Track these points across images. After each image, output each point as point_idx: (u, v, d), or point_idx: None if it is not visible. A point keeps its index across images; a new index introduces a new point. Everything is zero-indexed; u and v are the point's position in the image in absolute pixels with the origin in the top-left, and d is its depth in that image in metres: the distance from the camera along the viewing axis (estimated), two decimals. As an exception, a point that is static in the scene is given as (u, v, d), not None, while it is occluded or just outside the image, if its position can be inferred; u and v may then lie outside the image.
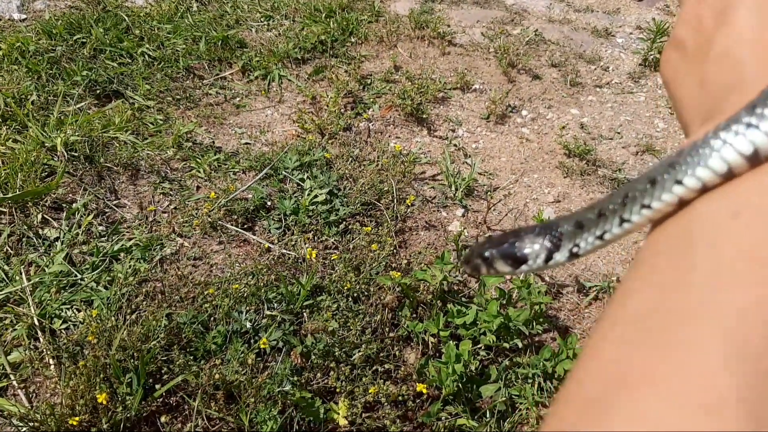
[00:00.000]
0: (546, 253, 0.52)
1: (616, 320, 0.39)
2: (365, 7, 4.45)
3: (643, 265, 0.40)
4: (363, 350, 2.09)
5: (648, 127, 3.81)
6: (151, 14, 3.96)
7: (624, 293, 0.40)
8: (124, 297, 2.19)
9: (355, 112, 3.47)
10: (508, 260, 0.54)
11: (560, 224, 0.51)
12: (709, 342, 0.32)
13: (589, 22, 4.82)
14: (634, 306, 0.38)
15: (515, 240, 0.53)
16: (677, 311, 0.35)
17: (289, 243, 2.56)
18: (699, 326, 0.33)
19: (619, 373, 0.35)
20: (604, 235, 0.48)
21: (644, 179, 0.43)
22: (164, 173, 2.91)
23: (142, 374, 1.88)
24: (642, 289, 0.39)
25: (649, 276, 0.39)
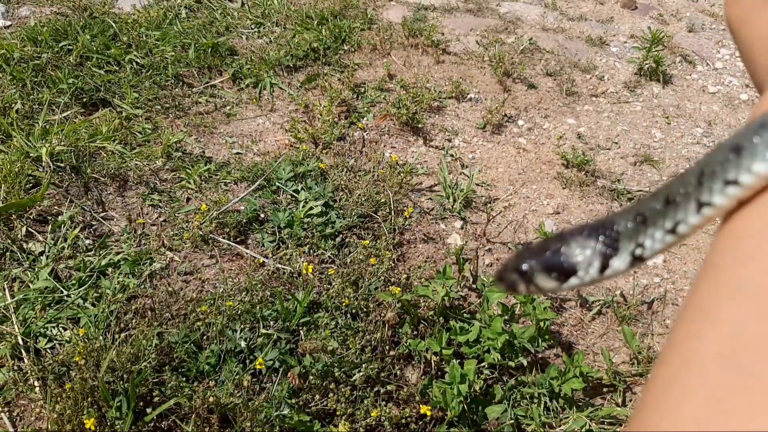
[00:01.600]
0: (601, 260, 0.41)
1: (692, 358, 0.30)
2: (357, 14, 4.38)
3: (724, 274, 0.31)
4: (363, 370, 2.01)
5: (645, 137, 3.76)
6: (139, 21, 3.86)
7: (699, 318, 0.31)
8: (112, 314, 2.09)
9: (349, 122, 3.39)
10: (552, 272, 0.44)
11: (616, 221, 0.41)
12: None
13: (583, 31, 4.78)
14: (716, 340, 0.29)
15: (560, 246, 0.43)
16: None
17: (284, 257, 2.47)
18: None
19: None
20: (678, 227, 0.38)
21: (725, 148, 0.34)
22: (153, 184, 2.81)
23: (132, 397, 1.78)
24: (727, 314, 0.29)
25: (734, 294, 0.30)
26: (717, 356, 0.28)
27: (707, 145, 3.75)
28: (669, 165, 3.54)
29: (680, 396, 0.28)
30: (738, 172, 0.33)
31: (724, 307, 0.30)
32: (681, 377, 0.29)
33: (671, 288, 2.73)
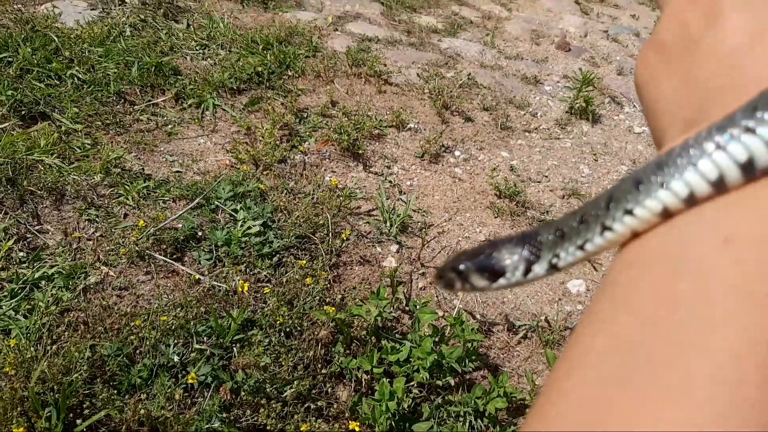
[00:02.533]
0: (525, 265, 0.47)
1: (587, 352, 0.36)
2: (303, 41, 4.46)
3: (618, 289, 0.37)
4: (295, 387, 2.05)
5: (574, 173, 3.95)
6: (82, 36, 3.85)
7: (595, 321, 0.37)
8: (44, 327, 2.08)
9: (290, 145, 3.45)
10: (484, 273, 0.49)
11: (540, 233, 0.47)
12: (701, 388, 0.30)
13: (519, 69, 4.99)
14: (608, 339, 0.35)
15: (492, 251, 0.48)
16: (662, 351, 0.32)
17: (220, 275, 2.50)
18: (688, 369, 0.30)
19: (597, 419, 0.32)
20: (585, 245, 0.44)
21: (630, 180, 0.39)
22: (90, 199, 2.80)
23: (63, 408, 1.78)
24: (618, 320, 0.35)
25: (625, 305, 0.35)
26: (604, 353, 0.34)
27: (631, 181, 3.96)
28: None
29: (572, 384, 0.35)
30: (635, 204, 0.38)
31: (615, 315, 0.36)
32: (575, 369, 0.36)
33: (593, 315, 2.86)
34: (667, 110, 0.42)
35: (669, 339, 0.32)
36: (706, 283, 0.32)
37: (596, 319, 0.37)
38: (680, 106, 0.40)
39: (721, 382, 0.29)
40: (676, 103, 0.41)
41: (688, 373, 0.30)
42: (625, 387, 0.32)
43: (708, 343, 0.31)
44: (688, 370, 0.30)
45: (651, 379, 0.31)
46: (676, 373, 0.30)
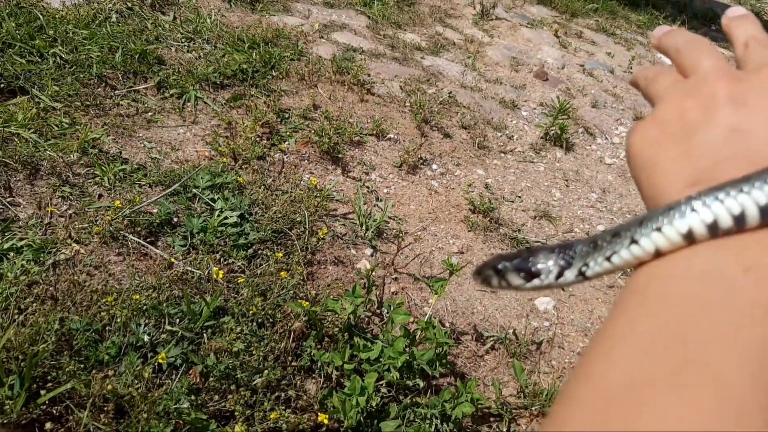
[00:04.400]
0: (558, 270, 0.54)
1: (625, 336, 0.42)
2: (288, 44, 4.48)
3: (649, 295, 0.44)
4: (265, 376, 2.03)
5: (546, 195, 4.02)
6: (67, 18, 3.80)
7: (627, 317, 0.44)
8: (12, 296, 2.03)
9: (270, 143, 3.45)
10: (521, 273, 0.55)
11: (575, 244, 0.54)
12: (732, 361, 0.36)
13: (498, 93, 5.07)
14: (644, 327, 0.41)
15: (530, 255, 0.55)
16: (699, 335, 0.38)
17: (194, 261, 2.47)
18: (722, 348, 0.37)
19: (642, 375, 0.38)
20: (612, 257, 0.50)
21: (665, 207, 0.47)
22: (65, 177, 2.75)
23: (27, 378, 1.73)
24: (653, 322, 0.42)
25: (658, 309, 0.42)
26: (640, 350, 0.40)
27: (600, 209, 4.05)
28: (565, 222, 3.79)
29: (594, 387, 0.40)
30: (664, 224, 0.46)
31: (649, 317, 0.42)
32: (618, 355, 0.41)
33: (559, 333, 2.91)
34: (665, 173, 0.50)
35: (704, 330, 0.38)
36: (732, 296, 0.40)
37: (614, 331, 0.43)
38: (679, 171, 0.49)
39: (750, 359, 0.36)
40: (675, 169, 0.50)
41: (722, 351, 0.37)
42: (665, 356, 0.38)
43: (738, 335, 0.37)
44: (723, 349, 0.37)
45: (687, 352, 0.38)
46: (710, 350, 0.37)
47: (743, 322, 0.38)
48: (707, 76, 0.54)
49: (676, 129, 0.52)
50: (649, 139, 0.53)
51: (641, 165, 0.53)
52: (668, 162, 0.51)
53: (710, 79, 0.53)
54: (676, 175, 0.50)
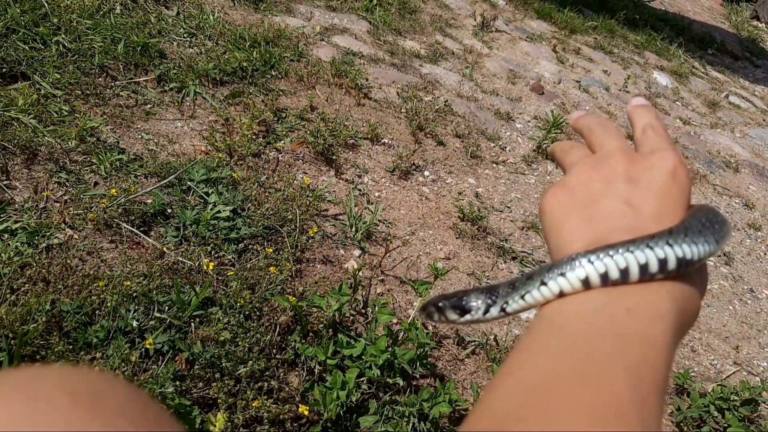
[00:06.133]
0: (485, 307, 0.65)
1: (540, 350, 0.54)
2: (289, 45, 4.54)
3: (549, 329, 0.57)
4: (249, 366, 2.08)
5: (535, 207, 4.08)
6: (72, 6, 3.84)
7: (529, 347, 0.56)
8: (4, 277, 2.07)
9: (266, 141, 3.50)
10: (456, 310, 0.67)
11: (500, 286, 0.66)
12: (619, 374, 0.48)
13: (494, 104, 5.14)
14: (554, 345, 0.54)
15: (464, 295, 0.67)
16: (595, 353, 0.50)
17: (185, 252, 2.52)
18: (611, 365, 0.48)
19: (555, 374, 0.50)
20: (526, 296, 0.62)
21: (567, 257, 0.59)
22: (63, 163, 2.80)
23: (17, 356, 1.77)
24: (546, 350, 0.54)
25: (548, 343, 0.55)
26: (531, 369, 0.52)
27: (588, 223, 4.11)
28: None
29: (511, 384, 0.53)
30: (566, 272, 0.58)
31: (545, 346, 0.54)
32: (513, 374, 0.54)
33: (540, 341, 2.96)
34: (570, 235, 0.62)
35: (596, 355, 0.50)
36: (618, 328, 0.52)
37: (531, 345, 0.56)
38: (581, 235, 0.60)
39: (629, 383, 0.47)
40: (578, 233, 0.61)
41: (608, 375, 0.48)
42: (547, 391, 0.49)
43: (621, 359, 0.49)
44: (609, 373, 0.48)
45: (580, 369, 0.50)
46: (597, 365, 0.49)
47: (626, 347, 0.50)
48: (611, 153, 0.66)
49: (581, 196, 0.64)
50: (559, 202, 0.65)
51: (551, 225, 0.65)
52: (573, 226, 0.62)
53: (613, 157, 0.66)
54: (579, 237, 0.61)
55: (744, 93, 8.36)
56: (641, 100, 0.73)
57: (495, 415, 0.49)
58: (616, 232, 0.58)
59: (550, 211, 0.65)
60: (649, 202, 0.60)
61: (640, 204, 0.60)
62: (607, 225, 0.60)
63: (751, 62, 10.37)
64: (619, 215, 0.60)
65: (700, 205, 0.62)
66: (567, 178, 0.67)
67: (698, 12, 12.86)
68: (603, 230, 0.59)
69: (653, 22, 9.62)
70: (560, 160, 0.74)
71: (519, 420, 0.46)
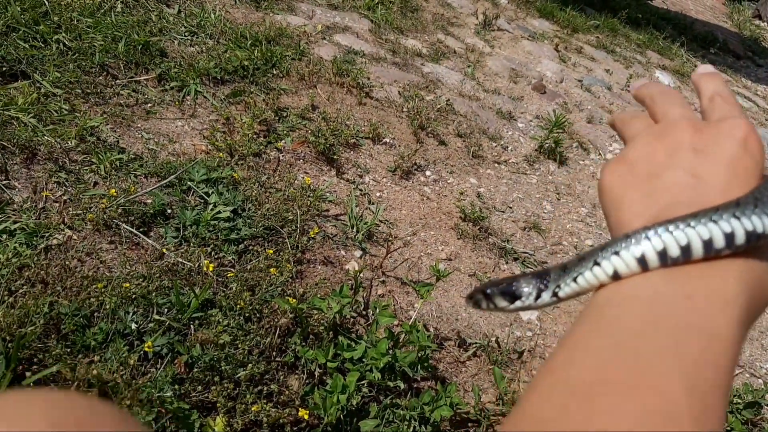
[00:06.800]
0: (537, 292, 0.61)
1: (586, 345, 0.50)
2: (291, 44, 4.51)
3: (603, 318, 0.52)
4: (249, 369, 2.06)
5: (537, 208, 4.06)
6: (72, 5, 3.82)
7: (588, 329, 0.51)
8: (3, 278, 2.05)
9: (267, 141, 3.48)
10: (506, 296, 0.63)
11: (551, 269, 0.62)
12: (672, 373, 0.43)
13: (495, 103, 5.12)
14: (602, 339, 0.49)
15: (513, 281, 0.63)
16: (646, 349, 0.46)
17: (185, 253, 2.50)
18: (663, 362, 0.44)
19: (599, 376, 0.46)
20: (578, 278, 0.57)
21: (623, 235, 0.54)
22: (62, 163, 2.78)
23: (14, 358, 1.76)
24: (605, 328, 0.50)
25: (608, 330, 0.50)
26: (586, 360, 0.48)
27: (589, 223, 4.10)
28: (554, 235, 3.84)
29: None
30: (622, 249, 0.53)
31: (598, 336, 0.50)
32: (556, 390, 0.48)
33: (541, 343, 2.95)
34: (630, 210, 0.57)
35: (646, 351, 0.46)
36: (674, 319, 0.47)
37: (576, 339, 0.51)
38: (643, 210, 0.56)
39: (683, 383, 0.43)
40: (639, 208, 0.57)
41: (660, 375, 0.44)
42: (616, 360, 0.46)
43: (675, 355, 0.45)
44: (661, 372, 0.44)
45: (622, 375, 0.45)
46: (651, 374, 0.44)
47: (683, 342, 0.45)
48: (675, 123, 0.61)
49: (642, 169, 0.59)
50: (619, 177, 0.60)
51: (610, 200, 0.61)
52: (634, 201, 0.58)
53: (677, 126, 0.61)
54: (640, 212, 0.57)
55: (746, 92, 8.33)
56: (708, 68, 0.68)
57: (533, 420, 0.46)
58: (680, 206, 0.54)
59: (609, 187, 0.61)
60: (717, 173, 0.55)
61: (707, 176, 0.56)
62: (670, 199, 0.56)
63: (753, 61, 10.35)
64: (684, 188, 0.56)
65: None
66: (627, 150, 0.63)
67: (700, 11, 12.83)
68: (665, 205, 0.55)
69: (655, 21, 9.60)
70: (620, 131, 0.69)
71: (558, 427, 0.43)
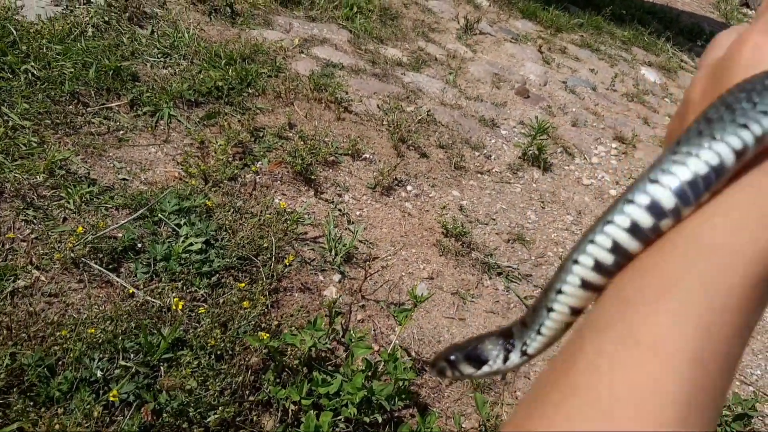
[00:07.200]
0: (504, 354, 0.55)
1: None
2: (266, 60, 4.46)
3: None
4: (219, 413, 2.01)
5: (521, 218, 4.02)
6: (42, 32, 3.77)
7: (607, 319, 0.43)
8: (-37, 329, 2.00)
9: (243, 163, 3.43)
10: (471, 362, 0.58)
11: (513, 325, 0.55)
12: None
13: (478, 111, 5.07)
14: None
15: (478, 343, 0.58)
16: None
17: (155, 290, 2.45)
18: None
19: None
20: (541, 329, 0.51)
21: (565, 260, 0.47)
22: (30, 199, 2.72)
23: (-29, 418, 1.71)
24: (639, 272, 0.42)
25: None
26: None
27: (575, 231, 4.05)
28: (538, 246, 3.79)
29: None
30: (560, 287, 0.47)
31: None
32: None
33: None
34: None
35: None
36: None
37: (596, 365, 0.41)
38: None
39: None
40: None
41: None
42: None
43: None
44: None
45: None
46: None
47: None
48: None
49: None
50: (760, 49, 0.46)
51: (744, 65, 0.46)
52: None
53: None
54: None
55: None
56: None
57: None
58: None
59: (749, 56, 0.46)
60: None
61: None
62: None
63: (741, 52, 10.29)
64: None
65: None
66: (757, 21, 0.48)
67: (687, 2, 12.79)
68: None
69: (640, 15, 9.55)
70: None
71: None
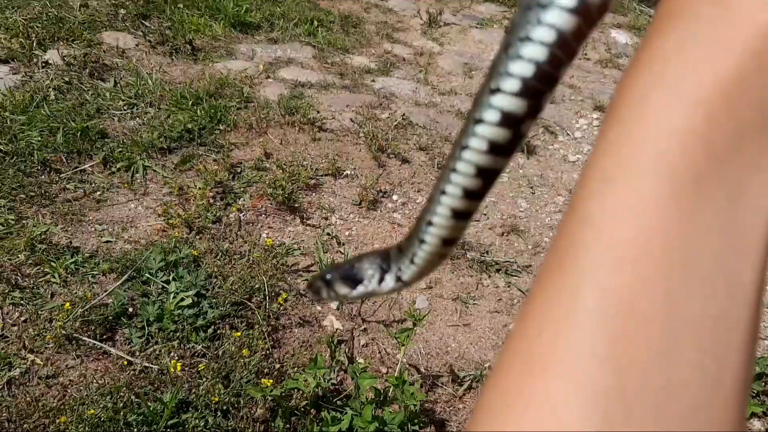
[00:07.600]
0: (379, 275, 0.54)
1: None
2: (234, 93, 4.43)
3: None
4: (233, 470, 1.99)
5: (512, 208, 3.98)
6: (3, 105, 3.74)
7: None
8: (-38, 433, 1.98)
9: (225, 203, 3.40)
10: (347, 281, 0.56)
11: (391, 248, 0.54)
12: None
13: (454, 105, 5.03)
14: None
15: (355, 263, 0.56)
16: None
17: (152, 354, 2.42)
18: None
19: None
20: (414, 258, 0.49)
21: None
22: (15, 281, 2.70)
23: None
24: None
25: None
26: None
27: (568, 213, 4.01)
28: (534, 234, 3.75)
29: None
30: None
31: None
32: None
33: (537, 357, 2.87)
34: None
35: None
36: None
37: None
38: None
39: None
40: None
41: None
42: None
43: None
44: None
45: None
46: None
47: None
48: None
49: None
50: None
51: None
52: None
53: None
54: None
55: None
56: None
57: None
58: None
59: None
60: None
61: None
62: None
63: None
64: None
65: None
66: None
67: (647, -47, 12.70)
68: None
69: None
70: None
71: None
